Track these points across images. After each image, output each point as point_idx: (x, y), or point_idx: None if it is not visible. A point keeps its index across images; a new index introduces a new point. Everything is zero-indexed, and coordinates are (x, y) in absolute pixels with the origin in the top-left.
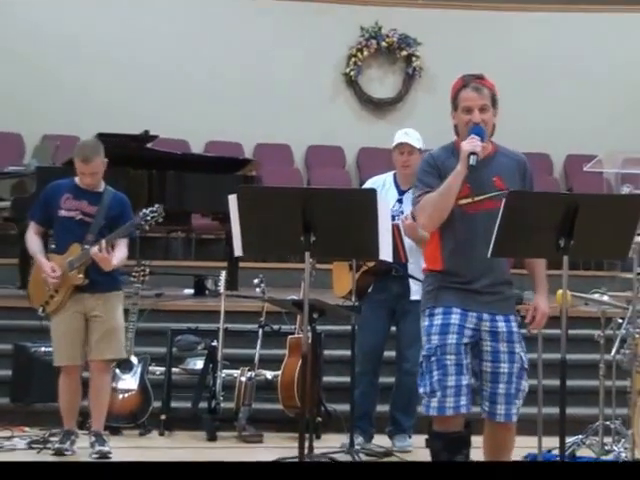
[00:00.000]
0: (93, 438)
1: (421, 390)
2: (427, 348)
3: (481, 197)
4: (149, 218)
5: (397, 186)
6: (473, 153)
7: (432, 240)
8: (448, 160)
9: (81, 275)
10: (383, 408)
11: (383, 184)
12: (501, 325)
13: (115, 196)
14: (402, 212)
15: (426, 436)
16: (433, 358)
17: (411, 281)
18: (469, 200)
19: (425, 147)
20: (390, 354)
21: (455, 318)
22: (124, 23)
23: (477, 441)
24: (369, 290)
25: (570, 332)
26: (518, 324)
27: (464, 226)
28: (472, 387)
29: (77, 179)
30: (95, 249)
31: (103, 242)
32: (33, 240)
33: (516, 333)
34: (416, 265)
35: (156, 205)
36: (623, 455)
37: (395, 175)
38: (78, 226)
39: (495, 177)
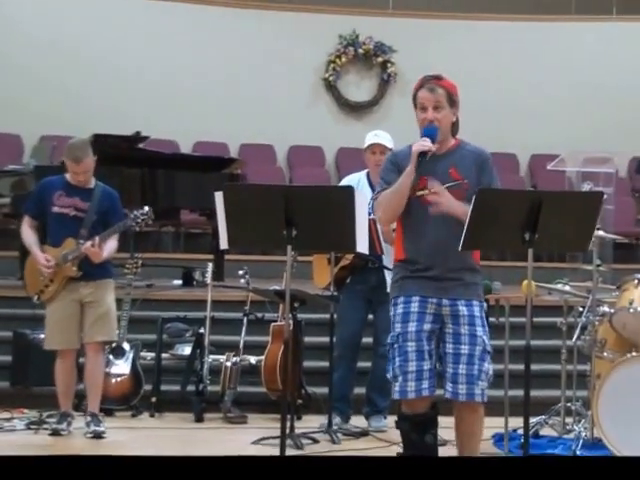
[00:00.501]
0: (89, 418)
1: (388, 375)
2: (391, 336)
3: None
4: (140, 220)
5: (370, 184)
6: (423, 153)
7: (397, 232)
8: (408, 157)
9: (75, 267)
10: (360, 391)
11: (358, 182)
12: (462, 309)
13: (105, 190)
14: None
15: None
16: (396, 345)
17: (387, 273)
18: (426, 192)
19: (397, 146)
20: (367, 340)
21: (414, 306)
22: (119, 31)
23: (445, 422)
24: (347, 281)
25: (534, 320)
26: (485, 311)
27: (421, 216)
28: (437, 371)
29: (68, 176)
30: (88, 244)
31: (97, 239)
32: (28, 233)
33: (478, 317)
34: (389, 258)
35: (146, 208)
36: (583, 434)
37: (368, 174)
38: (72, 221)
39: (451, 169)
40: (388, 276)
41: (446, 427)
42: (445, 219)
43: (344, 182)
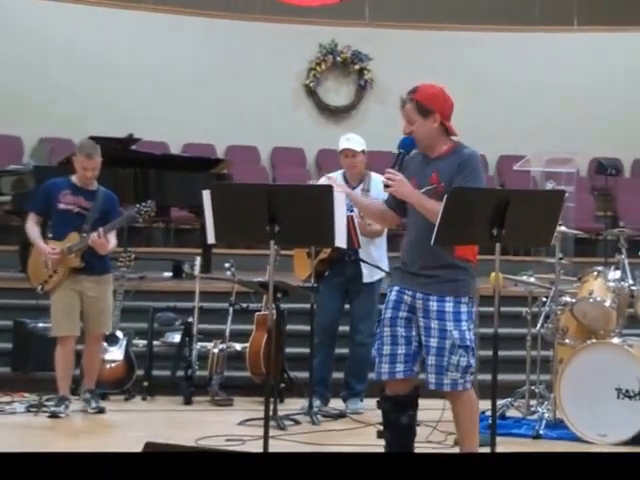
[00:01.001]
0: (88, 395)
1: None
2: (377, 321)
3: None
4: (143, 212)
5: (347, 182)
6: (386, 186)
7: None
8: (414, 160)
9: (78, 258)
10: (339, 375)
11: (340, 178)
12: (433, 304)
13: (107, 193)
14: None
15: (376, 399)
16: (377, 330)
17: (362, 266)
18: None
19: (370, 147)
20: (344, 328)
21: (394, 295)
22: (114, 42)
23: (425, 404)
24: (326, 273)
25: (502, 309)
26: (469, 306)
27: (409, 218)
28: (415, 356)
29: (74, 178)
30: (94, 236)
31: (101, 230)
32: (33, 228)
33: (450, 313)
34: (366, 252)
35: (149, 201)
36: (546, 415)
37: (344, 173)
38: (76, 217)
39: (433, 173)
40: (364, 268)
41: (423, 409)
42: (424, 220)
43: (322, 181)
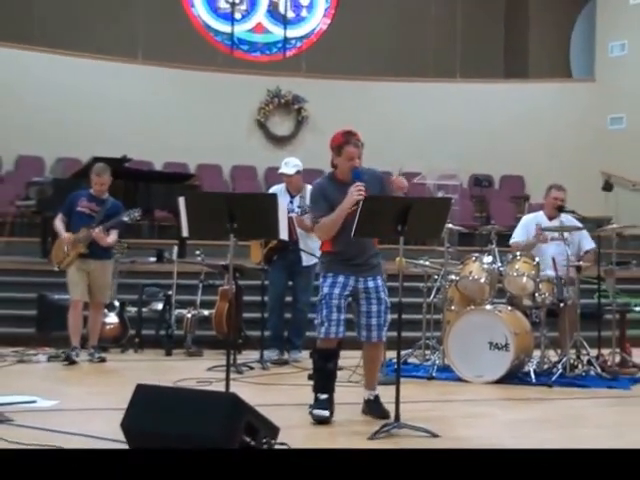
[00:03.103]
0: (92, 350)
1: (316, 321)
2: (320, 295)
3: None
4: (132, 216)
5: (289, 192)
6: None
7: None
8: (329, 187)
9: (84, 246)
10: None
11: (280, 191)
12: (371, 283)
13: (114, 203)
14: (293, 209)
15: (310, 350)
16: (323, 302)
17: (302, 253)
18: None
19: (306, 166)
20: (289, 299)
21: (340, 279)
22: (114, 86)
23: (344, 354)
24: (274, 258)
25: (404, 284)
26: (384, 281)
27: (350, 225)
28: (345, 322)
29: (92, 190)
30: (96, 230)
31: (101, 227)
32: (60, 224)
33: (381, 286)
34: (304, 243)
35: (137, 209)
36: (437, 362)
37: (286, 186)
38: (87, 218)
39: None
40: (303, 255)
41: (343, 358)
42: None
43: (271, 191)
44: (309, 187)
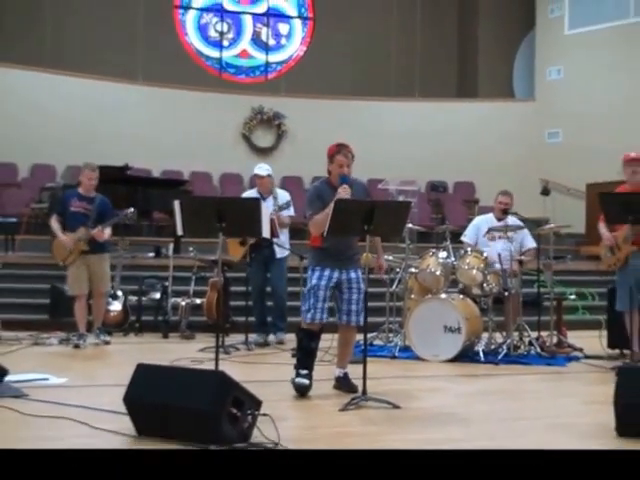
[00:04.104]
0: (97, 331)
1: (303, 308)
2: (309, 285)
3: None
4: (127, 216)
5: (261, 195)
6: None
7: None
8: (324, 190)
9: (85, 244)
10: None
11: (252, 194)
12: (353, 274)
13: (102, 199)
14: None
15: (293, 333)
16: (311, 291)
17: (275, 247)
18: None
19: (285, 173)
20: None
21: (327, 271)
22: (119, 105)
23: (324, 337)
24: (253, 254)
25: (370, 276)
26: (363, 273)
27: None
28: (330, 308)
29: (80, 189)
30: (96, 230)
31: (100, 227)
32: (56, 225)
33: (360, 277)
34: (284, 239)
35: (132, 209)
36: (399, 343)
37: (258, 189)
38: (82, 217)
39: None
40: (276, 248)
41: (324, 340)
42: None
43: (246, 194)
44: (279, 190)
